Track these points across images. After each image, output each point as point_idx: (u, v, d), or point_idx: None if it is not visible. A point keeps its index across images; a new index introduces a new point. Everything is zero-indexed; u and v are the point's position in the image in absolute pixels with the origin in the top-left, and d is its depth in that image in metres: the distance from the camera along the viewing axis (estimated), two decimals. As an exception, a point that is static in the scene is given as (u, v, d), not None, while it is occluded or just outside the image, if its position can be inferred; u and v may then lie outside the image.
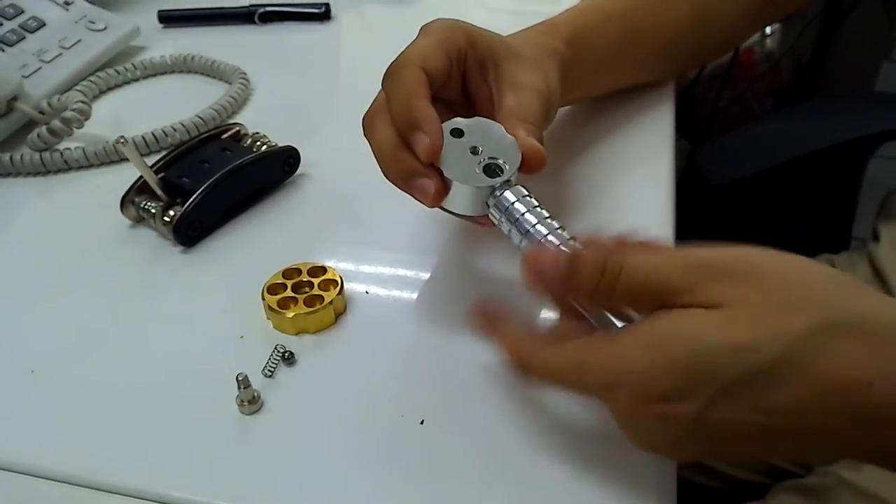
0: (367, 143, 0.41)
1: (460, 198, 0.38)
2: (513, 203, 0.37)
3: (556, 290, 0.32)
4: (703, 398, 0.28)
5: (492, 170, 0.38)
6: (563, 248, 0.35)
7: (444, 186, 0.38)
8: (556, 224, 0.36)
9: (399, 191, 0.40)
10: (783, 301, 0.28)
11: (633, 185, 0.51)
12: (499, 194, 0.37)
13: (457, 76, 0.41)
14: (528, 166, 0.38)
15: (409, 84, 0.38)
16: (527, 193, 0.37)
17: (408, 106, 0.37)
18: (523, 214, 0.36)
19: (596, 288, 0.30)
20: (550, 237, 0.35)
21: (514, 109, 0.40)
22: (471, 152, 0.38)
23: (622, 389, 0.29)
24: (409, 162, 0.38)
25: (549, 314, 0.41)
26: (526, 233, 0.36)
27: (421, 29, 0.41)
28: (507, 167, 0.38)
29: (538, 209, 0.37)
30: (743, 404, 0.27)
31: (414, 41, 0.40)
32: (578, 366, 0.31)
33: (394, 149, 0.38)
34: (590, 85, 0.52)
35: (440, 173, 0.37)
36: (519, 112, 0.40)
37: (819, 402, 0.27)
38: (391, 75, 0.39)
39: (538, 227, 0.36)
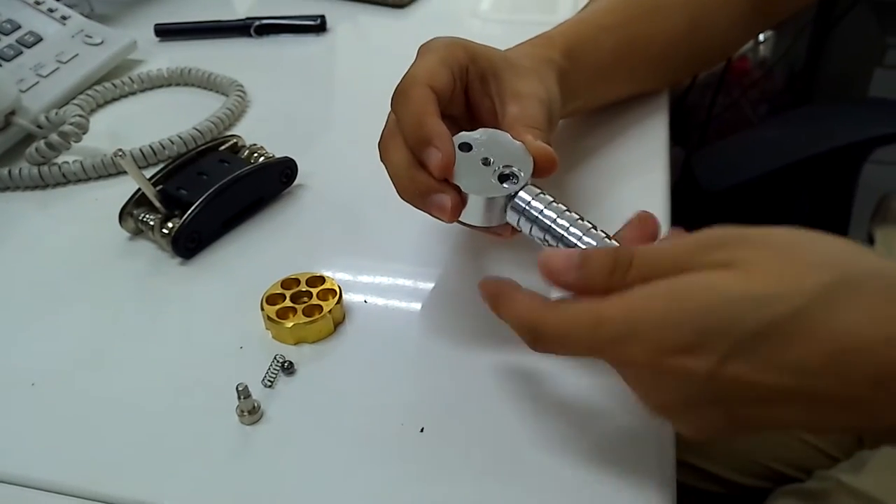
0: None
1: (478, 210, 0.38)
2: (529, 202, 0.37)
3: (572, 288, 0.32)
4: (718, 352, 0.27)
5: (506, 178, 0.38)
6: (586, 239, 0.35)
7: (461, 200, 0.38)
8: (576, 216, 0.36)
9: (397, 201, 0.40)
10: (798, 259, 0.28)
11: (629, 193, 0.51)
12: (514, 199, 0.37)
13: (460, 91, 0.42)
14: (540, 169, 0.39)
15: (418, 103, 0.38)
16: (540, 191, 0.37)
17: (419, 124, 0.38)
18: (542, 211, 0.37)
19: (610, 279, 0.30)
20: (572, 229, 0.36)
21: (519, 118, 0.41)
22: (483, 164, 0.38)
23: (637, 341, 0.29)
24: (424, 180, 0.38)
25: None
26: (548, 229, 0.36)
27: (420, 48, 0.42)
28: (521, 173, 0.38)
29: (555, 204, 0.37)
30: (757, 360, 0.27)
31: (416, 61, 0.41)
32: (592, 320, 0.30)
33: (408, 169, 0.38)
34: (588, 96, 0.52)
35: (456, 188, 0.38)
36: (523, 120, 0.41)
37: (835, 361, 0.27)
38: (400, 95, 0.39)
39: (559, 220, 0.36)
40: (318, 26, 0.76)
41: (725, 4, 0.56)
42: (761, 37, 1.58)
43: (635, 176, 0.52)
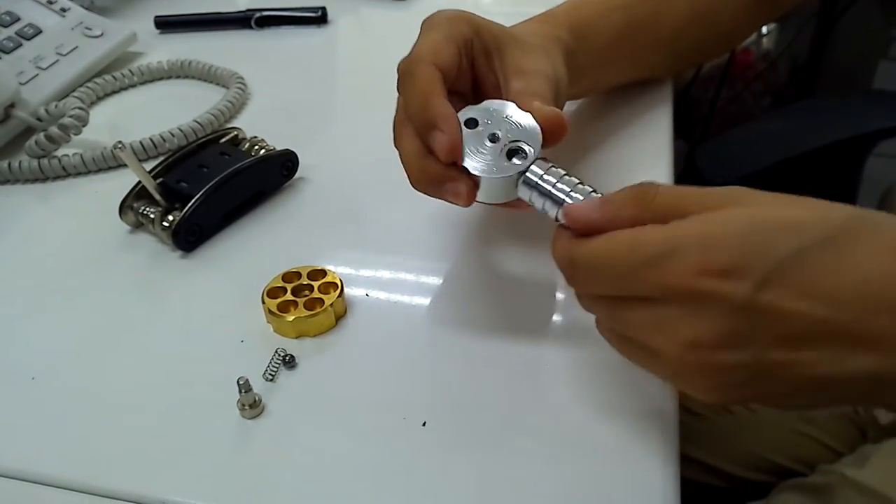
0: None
1: (491, 190, 0.37)
2: (542, 176, 0.36)
3: (599, 228, 0.32)
4: (754, 277, 0.28)
5: (514, 153, 0.37)
6: None
7: (474, 183, 0.37)
8: (589, 188, 0.35)
9: (398, 193, 0.40)
10: (818, 202, 0.30)
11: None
12: (526, 175, 0.36)
13: (467, 67, 0.41)
14: (551, 135, 0.37)
15: (423, 83, 0.38)
16: (552, 165, 0.36)
17: (424, 106, 0.37)
18: (555, 185, 0.35)
19: (636, 209, 0.31)
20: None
21: (523, 92, 0.39)
22: (490, 140, 0.37)
23: (676, 261, 0.29)
24: (435, 169, 0.37)
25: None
26: (561, 203, 0.35)
27: (424, 23, 0.41)
28: (531, 148, 0.37)
29: (568, 177, 0.36)
30: (791, 287, 0.27)
31: (421, 37, 0.40)
32: (629, 242, 0.30)
33: (419, 158, 0.38)
34: (593, 77, 0.51)
35: (466, 171, 0.37)
36: (529, 92, 0.39)
37: (862, 291, 0.27)
38: (405, 75, 0.39)
39: (573, 194, 0.35)
40: (318, 18, 0.75)
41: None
42: (764, 29, 1.57)
43: (639, 169, 0.52)
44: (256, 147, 0.53)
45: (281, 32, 0.75)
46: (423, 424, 0.36)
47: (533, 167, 0.36)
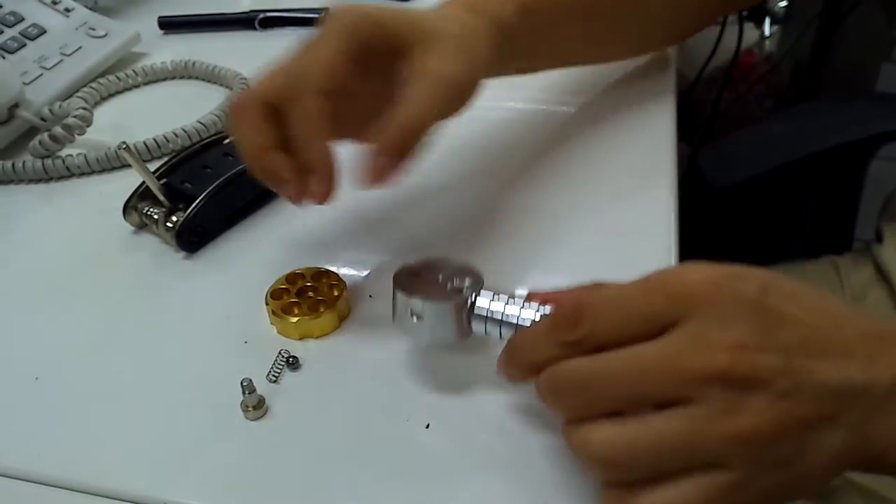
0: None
1: (441, 324, 0.36)
2: (490, 304, 0.35)
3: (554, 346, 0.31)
4: (758, 282, 0.28)
5: (458, 290, 0.36)
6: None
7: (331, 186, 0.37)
8: (536, 305, 0.34)
9: (402, 195, 0.40)
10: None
11: (637, 189, 0.51)
12: (475, 306, 0.35)
13: (363, 72, 0.38)
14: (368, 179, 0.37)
15: (308, 116, 0.36)
16: (496, 293, 0.35)
17: (306, 144, 0.36)
18: (504, 311, 0.35)
19: (579, 324, 0.30)
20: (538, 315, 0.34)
21: (404, 100, 0.37)
22: (435, 282, 0.37)
23: (693, 271, 0.29)
24: (284, 164, 0.37)
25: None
26: (516, 326, 0.35)
27: (326, 17, 0.38)
28: (473, 281, 0.36)
29: (515, 299, 0.35)
30: (785, 295, 0.28)
31: (318, 42, 0.38)
32: (639, 282, 0.30)
33: (266, 151, 0.37)
34: (539, 56, 0.50)
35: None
36: (409, 100, 0.37)
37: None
38: (292, 98, 0.36)
39: (524, 311, 0.34)
40: (322, 19, 0.75)
41: None
42: (767, 31, 1.57)
43: (642, 173, 0.52)
44: (260, 148, 0.53)
45: (285, 33, 0.75)
46: (427, 427, 0.36)
47: (479, 299, 0.35)
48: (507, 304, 0.35)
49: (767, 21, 1.54)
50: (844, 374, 0.27)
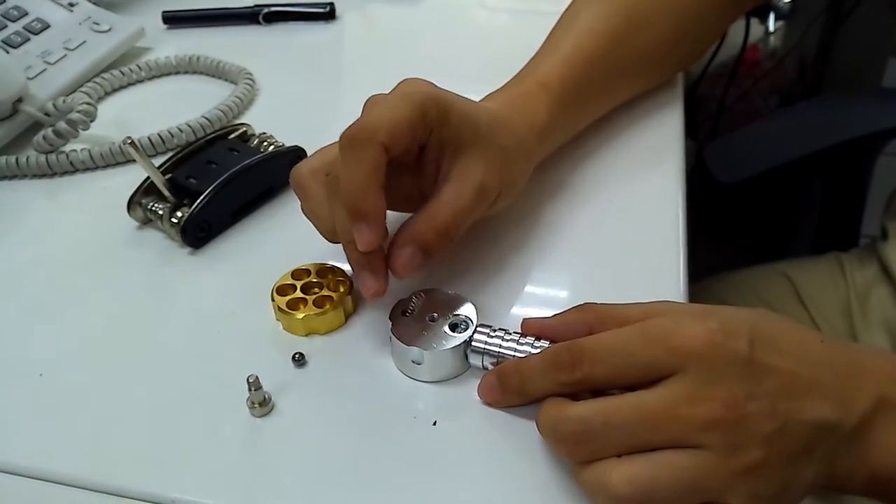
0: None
1: (441, 364, 0.38)
2: (486, 341, 0.37)
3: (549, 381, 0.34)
4: (746, 336, 0.31)
5: (456, 326, 0.38)
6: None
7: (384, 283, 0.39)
8: (531, 339, 0.36)
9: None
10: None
11: (645, 185, 0.50)
12: (472, 344, 0.37)
13: (416, 149, 0.40)
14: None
15: (367, 167, 0.36)
16: (492, 328, 0.38)
17: (358, 196, 0.36)
18: (501, 346, 0.37)
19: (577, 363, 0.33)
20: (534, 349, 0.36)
21: (437, 201, 0.39)
22: (430, 321, 0.39)
23: (687, 314, 0.33)
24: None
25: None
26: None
27: (399, 85, 0.39)
28: (470, 318, 0.38)
29: (510, 335, 0.37)
30: (769, 345, 0.32)
31: (385, 103, 0.38)
32: (637, 325, 0.33)
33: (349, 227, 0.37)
34: (583, 120, 0.53)
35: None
36: (440, 208, 0.39)
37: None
38: (352, 145, 0.36)
39: (522, 347, 0.36)
40: (327, 14, 0.75)
41: (705, 3, 0.56)
42: (772, 27, 1.56)
43: (650, 169, 0.52)
44: (265, 143, 0.53)
45: (289, 28, 0.75)
46: (434, 424, 0.36)
47: (476, 336, 0.37)
48: (503, 339, 0.37)
49: (772, 17, 1.53)
50: (820, 414, 0.31)
